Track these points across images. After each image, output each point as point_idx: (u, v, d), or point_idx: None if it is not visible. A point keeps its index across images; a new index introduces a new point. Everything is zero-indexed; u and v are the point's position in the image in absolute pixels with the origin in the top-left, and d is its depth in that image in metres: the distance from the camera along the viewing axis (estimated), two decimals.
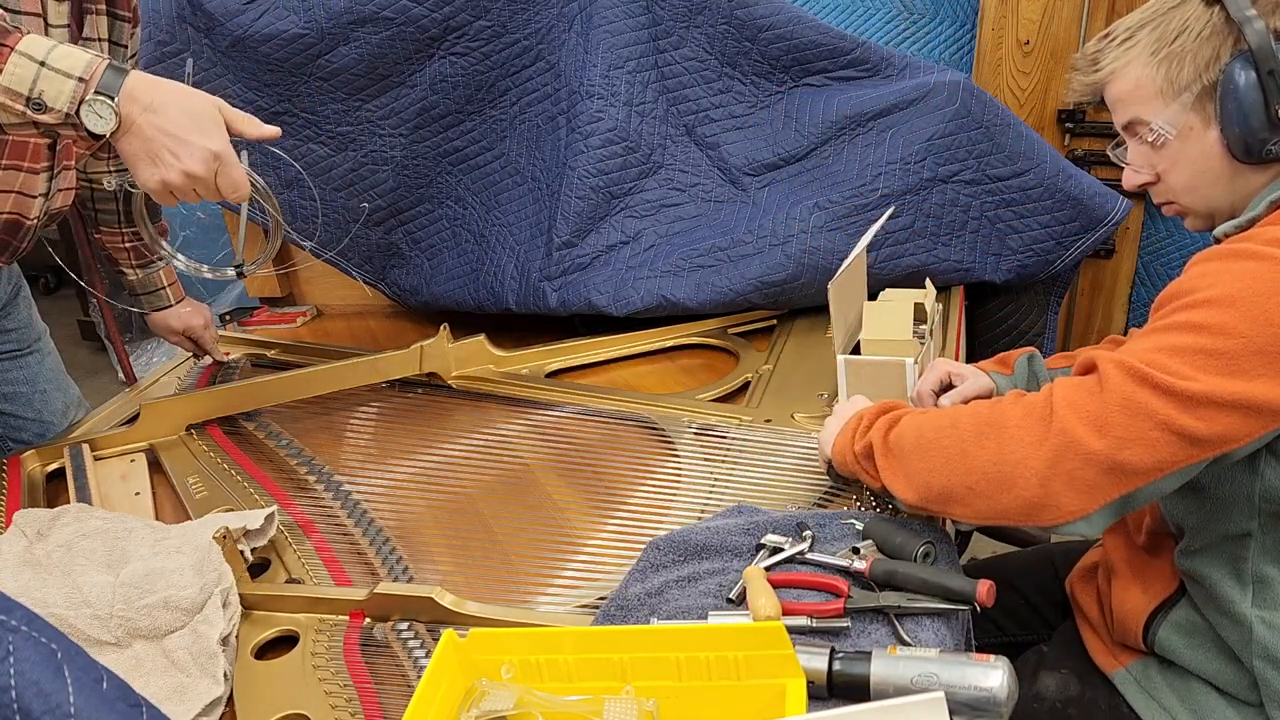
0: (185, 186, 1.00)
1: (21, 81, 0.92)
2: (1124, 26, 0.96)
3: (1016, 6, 2.08)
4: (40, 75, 0.92)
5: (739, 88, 1.72)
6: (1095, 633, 1.11)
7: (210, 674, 0.92)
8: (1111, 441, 0.81)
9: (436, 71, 1.71)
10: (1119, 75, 0.95)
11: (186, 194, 1.01)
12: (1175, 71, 0.91)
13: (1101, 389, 0.83)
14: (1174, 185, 0.97)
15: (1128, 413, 0.81)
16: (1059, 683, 1.10)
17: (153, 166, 0.98)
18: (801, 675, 0.76)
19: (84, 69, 0.93)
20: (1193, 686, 1.00)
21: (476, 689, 0.76)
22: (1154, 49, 0.92)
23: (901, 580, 0.91)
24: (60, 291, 4.41)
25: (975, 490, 0.88)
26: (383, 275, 1.87)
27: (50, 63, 0.92)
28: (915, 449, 0.94)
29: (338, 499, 1.25)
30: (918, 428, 0.95)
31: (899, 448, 0.96)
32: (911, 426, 0.96)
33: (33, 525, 1.09)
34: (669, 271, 1.64)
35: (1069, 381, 0.87)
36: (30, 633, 0.53)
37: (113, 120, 0.95)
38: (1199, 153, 0.93)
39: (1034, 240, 1.65)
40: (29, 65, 0.92)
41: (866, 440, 1.00)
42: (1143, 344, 0.85)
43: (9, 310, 1.52)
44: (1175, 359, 0.81)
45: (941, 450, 0.91)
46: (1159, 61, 0.92)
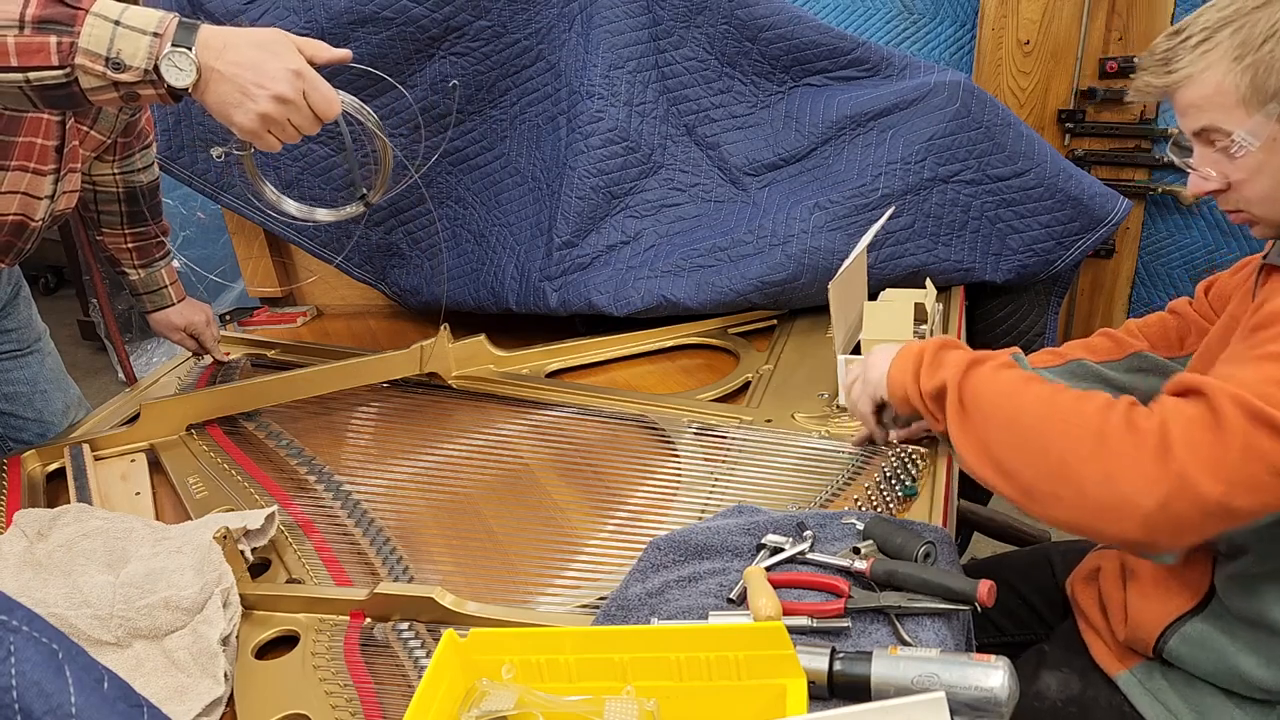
0: (280, 116, 0.99)
1: (99, 42, 0.91)
2: (1200, 26, 0.88)
3: (1016, 6, 2.08)
4: (116, 34, 0.92)
5: (739, 88, 1.72)
6: (1098, 635, 1.10)
7: (211, 674, 0.92)
8: (1227, 488, 0.76)
9: (436, 72, 1.71)
10: (1195, 80, 0.88)
11: (284, 127, 1.00)
12: (1263, 79, 0.84)
13: (1219, 428, 0.77)
14: (1250, 195, 0.91)
15: (1246, 457, 0.76)
16: (1060, 682, 1.09)
17: (244, 104, 0.97)
18: (802, 675, 0.76)
19: (157, 24, 0.94)
20: (1198, 688, 0.99)
21: (477, 689, 0.76)
22: (1237, 54, 0.85)
23: (902, 580, 0.91)
24: (60, 291, 4.42)
25: (1065, 502, 0.82)
26: (383, 275, 1.87)
27: (124, 21, 0.92)
28: (1001, 422, 0.87)
29: (338, 499, 1.25)
30: (1006, 395, 0.88)
31: (977, 408, 0.89)
32: (996, 390, 0.89)
33: (33, 525, 1.09)
34: (669, 271, 1.64)
35: (1183, 414, 0.79)
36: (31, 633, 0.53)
37: (192, 71, 0.95)
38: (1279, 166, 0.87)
39: (1034, 240, 1.65)
40: (105, 25, 0.91)
41: (940, 380, 0.93)
42: (1251, 374, 0.79)
43: (9, 310, 1.52)
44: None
45: (1036, 442, 0.84)
46: (1244, 68, 0.84)
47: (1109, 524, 0.80)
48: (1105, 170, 2.15)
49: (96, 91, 0.94)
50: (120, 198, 1.56)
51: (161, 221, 1.63)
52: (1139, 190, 2.14)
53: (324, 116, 1.03)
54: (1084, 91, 2.11)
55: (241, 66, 0.97)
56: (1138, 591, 1.04)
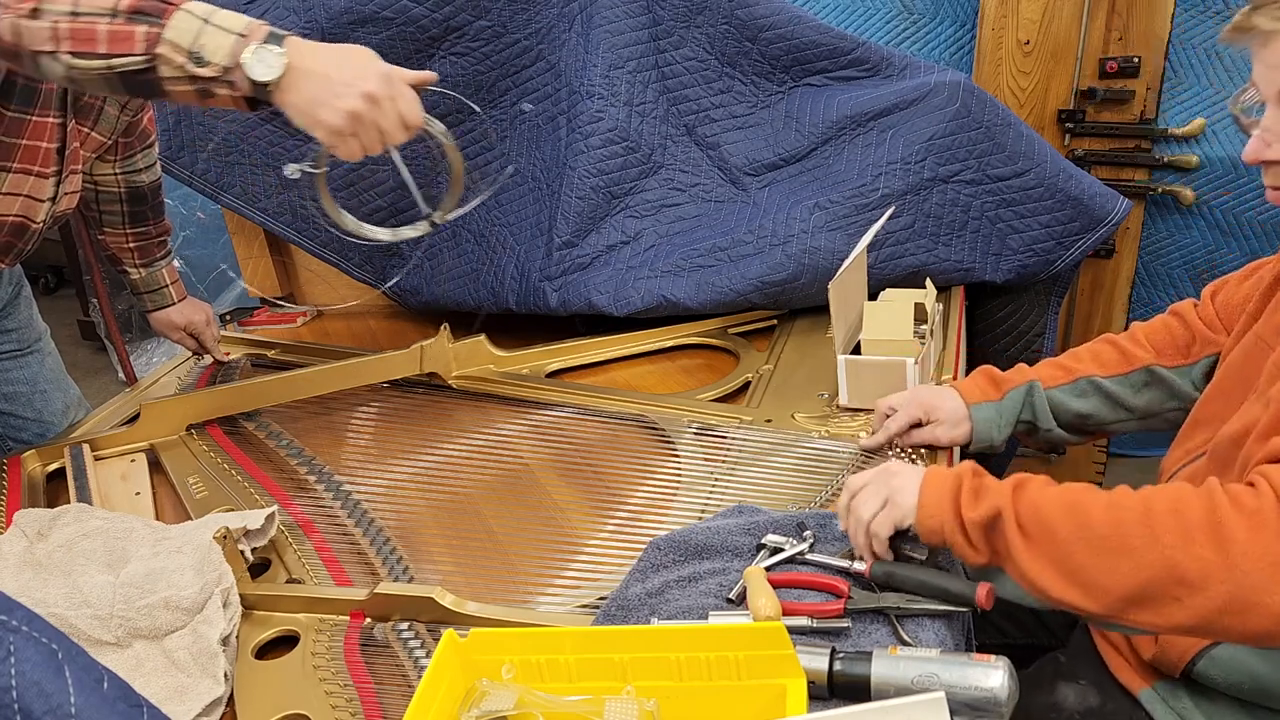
0: (369, 116, 0.98)
1: (184, 35, 0.94)
2: None
3: (1016, 6, 2.08)
4: (203, 31, 0.94)
5: (739, 88, 1.72)
6: (1117, 651, 1.07)
7: (211, 674, 0.92)
8: None
9: (437, 71, 1.71)
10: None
11: (369, 130, 0.99)
12: None
13: None
14: None
15: None
16: (1078, 693, 1.06)
17: (331, 102, 0.97)
18: (802, 675, 0.76)
19: (244, 27, 0.96)
20: (1223, 706, 0.97)
21: (477, 689, 0.76)
22: None
23: (900, 582, 0.91)
24: (60, 291, 4.41)
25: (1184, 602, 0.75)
26: (383, 275, 1.87)
27: (213, 20, 0.95)
28: (1079, 537, 0.79)
29: (338, 499, 1.25)
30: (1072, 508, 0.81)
31: (1045, 528, 0.82)
32: (1061, 505, 0.82)
33: (33, 525, 1.09)
34: (669, 271, 1.63)
35: None
36: (31, 633, 0.53)
37: (280, 67, 0.95)
38: None
39: (1034, 240, 1.65)
40: (193, 21, 0.94)
41: (990, 507, 0.84)
42: None
43: (10, 310, 1.52)
44: None
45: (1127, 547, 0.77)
46: None
47: (1239, 620, 0.74)
48: (1105, 170, 2.15)
49: (173, 82, 0.96)
50: (122, 197, 1.56)
51: (163, 221, 1.63)
52: (1139, 190, 2.14)
53: (410, 123, 1.02)
54: (1084, 91, 2.11)
55: (330, 65, 0.98)
56: None
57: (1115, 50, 2.07)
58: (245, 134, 1.75)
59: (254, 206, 1.81)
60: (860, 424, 1.29)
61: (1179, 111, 2.11)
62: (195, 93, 0.97)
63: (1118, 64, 2.05)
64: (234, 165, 1.78)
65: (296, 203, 1.80)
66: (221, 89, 0.97)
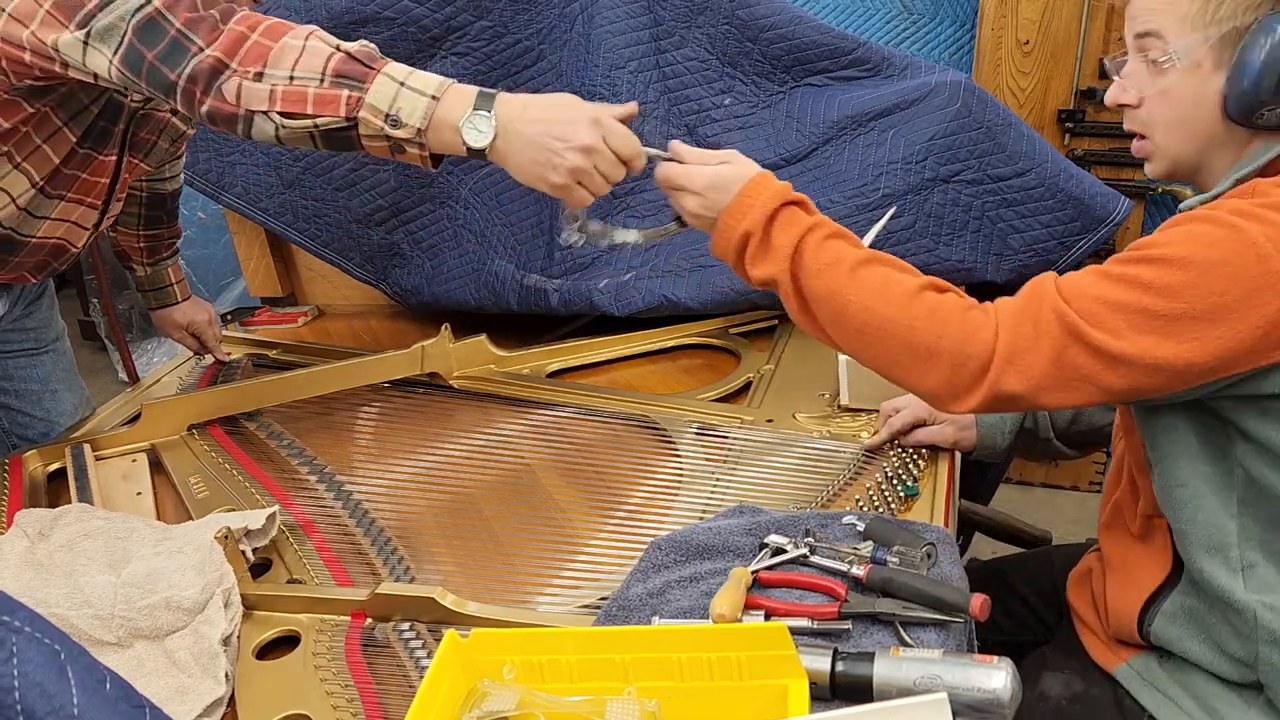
0: (588, 165, 1.01)
1: (383, 99, 0.99)
2: None
3: (1016, 7, 2.08)
4: (400, 93, 0.99)
5: (740, 88, 1.72)
6: (1092, 633, 1.11)
7: (212, 674, 0.92)
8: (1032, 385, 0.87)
9: (438, 71, 1.70)
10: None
11: (593, 177, 1.02)
12: (1216, 2, 0.86)
13: (1036, 337, 0.87)
14: (1154, 118, 0.94)
15: (1056, 365, 0.86)
16: (1062, 682, 1.09)
17: (550, 161, 1.01)
18: (804, 676, 0.76)
19: (436, 88, 1.01)
20: (1193, 676, 0.99)
21: (478, 689, 0.76)
22: None
23: (897, 589, 0.91)
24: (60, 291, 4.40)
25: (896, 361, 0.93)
26: (384, 275, 1.87)
27: (409, 83, 1.00)
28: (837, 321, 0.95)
29: (339, 499, 1.25)
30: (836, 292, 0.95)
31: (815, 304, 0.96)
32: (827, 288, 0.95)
33: (34, 525, 1.09)
34: (670, 271, 1.63)
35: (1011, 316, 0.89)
36: (33, 633, 0.53)
37: (490, 132, 1.00)
38: (1194, 94, 0.90)
39: (1035, 240, 1.65)
40: (391, 84, 1.00)
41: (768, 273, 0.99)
42: (1090, 288, 0.87)
43: (33, 309, 1.53)
44: (1114, 314, 0.84)
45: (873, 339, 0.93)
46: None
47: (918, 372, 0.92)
48: (1105, 170, 2.15)
49: (371, 140, 1.02)
50: (143, 201, 1.57)
51: (176, 225, 1.65)
52: (1139, 190, 2.14)
53: (629, 160, 1.04)
54: (1084, 91, 2.11)
55: (543, 123, 1.01)
56: (1114, 579, 1.06)
57: (1115, 50, 2.07)
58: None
59: (254, 206, 1.80)
60: (861, 424, 1.29)
61: None
62: (389, 149, 1.02)
63: None
64: (234, 165, 1.78)
65: (297, 203, 1.80)
66: (413, 148, 1.01)
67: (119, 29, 1.00)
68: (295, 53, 1.00)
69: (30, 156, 1.20)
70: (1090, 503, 2.52)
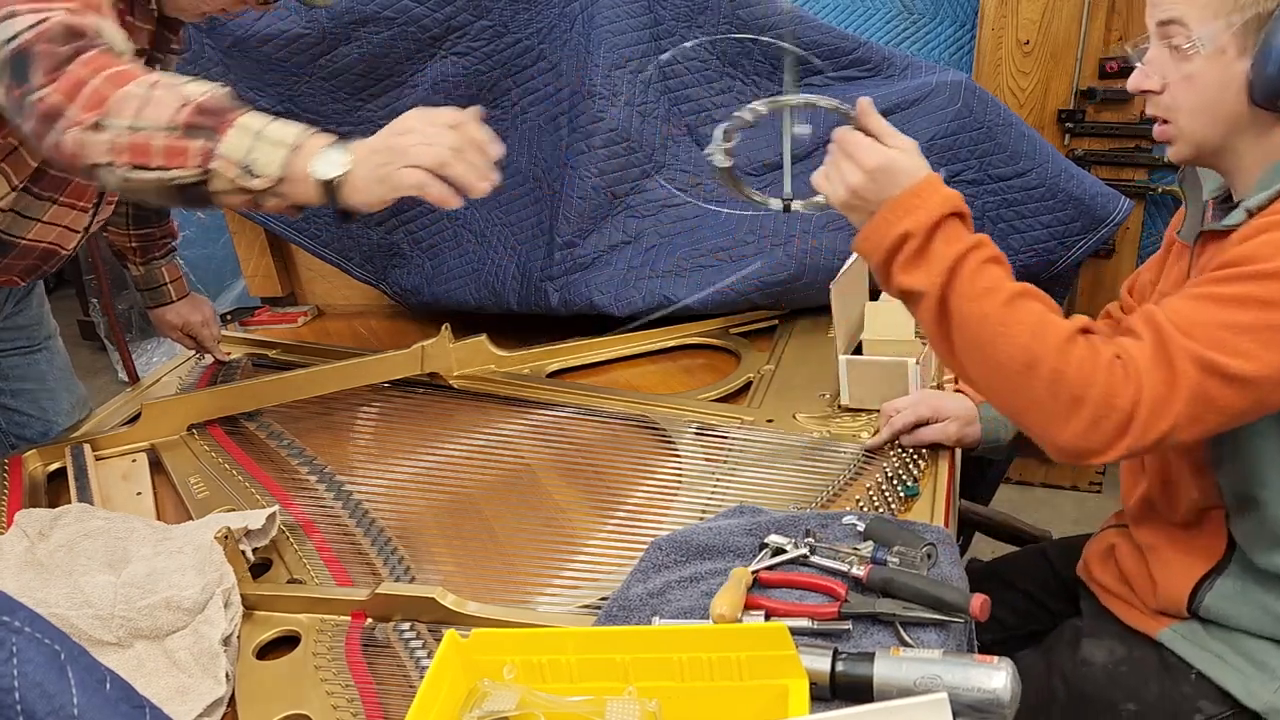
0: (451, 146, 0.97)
1: (237, 150, 0.94)
2: None
3: (1016, 7, 2.08)
4: (256, 144, 0.95)
5: (740, 88, 1.72)
6: (1126, 604, 1.12)
7: (212, 674, 0.92)
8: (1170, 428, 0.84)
9: (438, 71, 1.71)
10: None
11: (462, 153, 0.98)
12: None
13: (1174, 381, 0.84)
14: (1178, 103, 0.93)
15: (1193, 402, 0.84)
16: (1105, 648, 1.10)
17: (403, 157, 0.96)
18: (804, 676, 0.76)
19: (295, 138, 0.96)
20: (1240, 637, 1.01)
21: (479, 689, 0.76)
22: None
23: (897, 589, 0.91)
24: (60, 291, 4.40)
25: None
26: (384, 275, 1.87)
27: (266, 133, 0.96)
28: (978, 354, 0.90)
29: (339, 499, 1.25)
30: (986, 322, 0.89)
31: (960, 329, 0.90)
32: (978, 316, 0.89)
33: (34, 525, 1.09)
34: (670, 271, 1.63)
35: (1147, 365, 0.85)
36: (33, 634, 0.53)
37: (347, 161, 0.96)
38: (1218, 80, 0.89)
39: (1036, 240, 1.65)
40: (246, 135, 0.95)
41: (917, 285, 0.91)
42: (1206, 317, 0.84)
43: (23, 306, 1.53)
44: (1242, 337, 0.83)
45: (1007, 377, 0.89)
46: None
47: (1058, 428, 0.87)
48: (1105, 170, 2.15)
49: (224, 194, 0.97)
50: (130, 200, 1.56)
51: (168, 223, 1.64)
52: (1139, 190, 2.14)
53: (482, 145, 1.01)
54: (1084, 91, 2.11)
55: (392, 132, 0.98)
56: (1159, 561, 1.07)
57: (1115, 50, 2.07)
58: None
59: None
60: (861, 424, 1.29)
61: None
62: (245, 202, 0.98)
63: (1118, 64, 2.05)
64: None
65: None
66: (271, 200, 0.97)
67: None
68: (137, 101, 0.94)
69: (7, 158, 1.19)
70: (1090, 502, 2.52)
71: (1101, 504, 2.51)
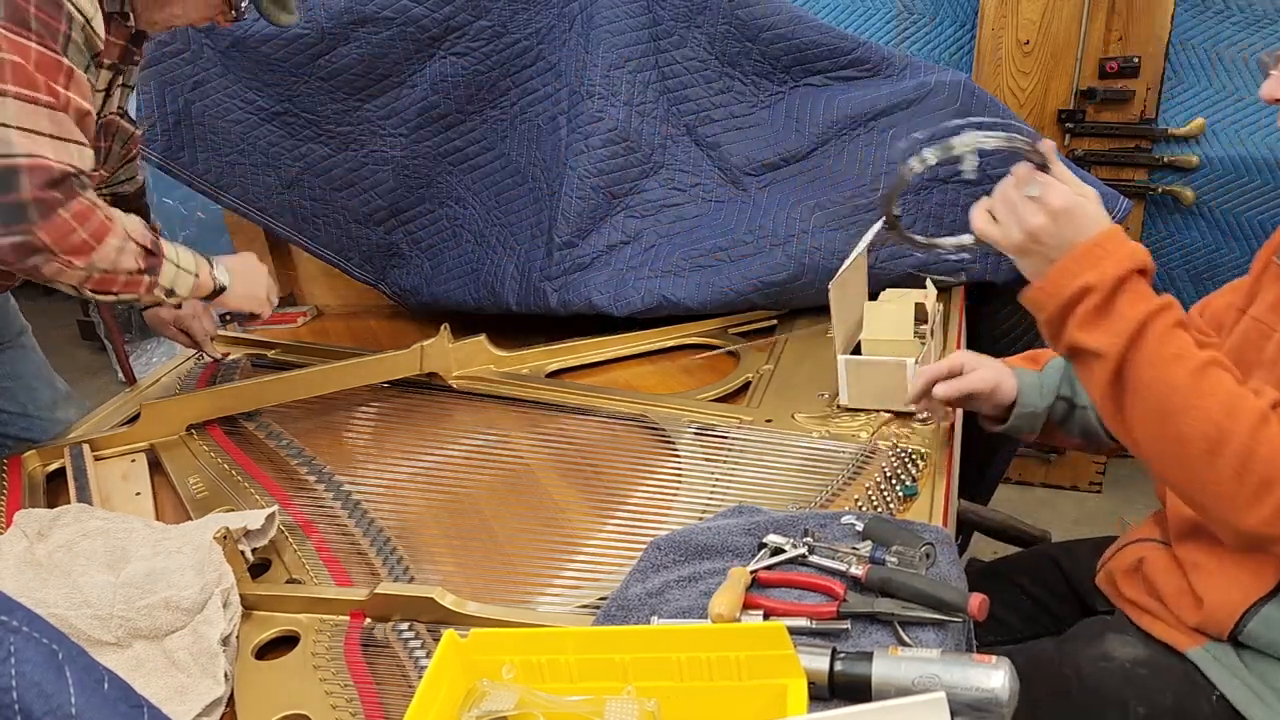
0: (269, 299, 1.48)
1: (168, 279, 1.26)
2: None
3: (1016, 7, 2.08)
4: (177, 274, 1.28)
5: (740, 88, 1.72)
6: (1157, 619, 1.08)
7: (211, 674, 0.92)
8: None
9: (437, 71, 1.71)
10: None
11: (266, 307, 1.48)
12: None
13: None
14: None
15: None
16: (1128, 645, 1.07)
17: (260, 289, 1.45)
18: (803, 676, 0.76)
19: (194, 267, 1.31)
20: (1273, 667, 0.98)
21: (478, 689, 0.76)
22: None
23: (896, 589, 0.91)
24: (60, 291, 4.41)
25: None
26: (383, 275, 1.87)
27: (181, 264, 1.29)
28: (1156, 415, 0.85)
29: (338, 499, 1.25)
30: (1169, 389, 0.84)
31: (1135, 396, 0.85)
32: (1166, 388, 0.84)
33: (33, 525, 1.09)
34: (669, 271, 1.63)
35: None
36: (31, 633, 0.53)
37: (227, 276, 1.38)
38: None
39: None
40: (171, 268, 1.27)
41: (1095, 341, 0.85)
42: None
43: None
44: None
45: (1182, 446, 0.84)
46: None
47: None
48: (1105, 170, 2.15)
49: (149, 302, 1.34)
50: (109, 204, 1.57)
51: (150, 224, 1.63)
52: (1139, 190, 2.14)
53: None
54: (1084, 91, 2.11)
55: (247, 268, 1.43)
56: (1206, 581, 1.02)
57: (1115, 50, 2.07)
58: (246, 134, 1.75)
59: (253, 206, 1.80)
60: (860, 424, 1.29)
61: (1179, 111, 2.11)
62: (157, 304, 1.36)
63: (1118, 64, 2.06)
64: (233, 165, 1.78)
65: (296, 202, 1.80)
66: (173, 300, 1.31)
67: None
68: (114, 253, 1.16)
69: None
70: (1090, 503, 2.52)
71: (1101, 504, 2.50)
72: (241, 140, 1.75)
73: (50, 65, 1.06)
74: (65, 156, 1.09)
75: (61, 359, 1.67)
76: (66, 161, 1.09)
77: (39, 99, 1.06)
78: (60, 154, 1.08)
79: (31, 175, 1.05)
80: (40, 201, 1.06)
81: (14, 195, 1.05)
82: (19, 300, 1.64)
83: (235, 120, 1.74)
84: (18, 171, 1.05)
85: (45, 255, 1.09)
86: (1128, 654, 1.06)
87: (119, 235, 1.16)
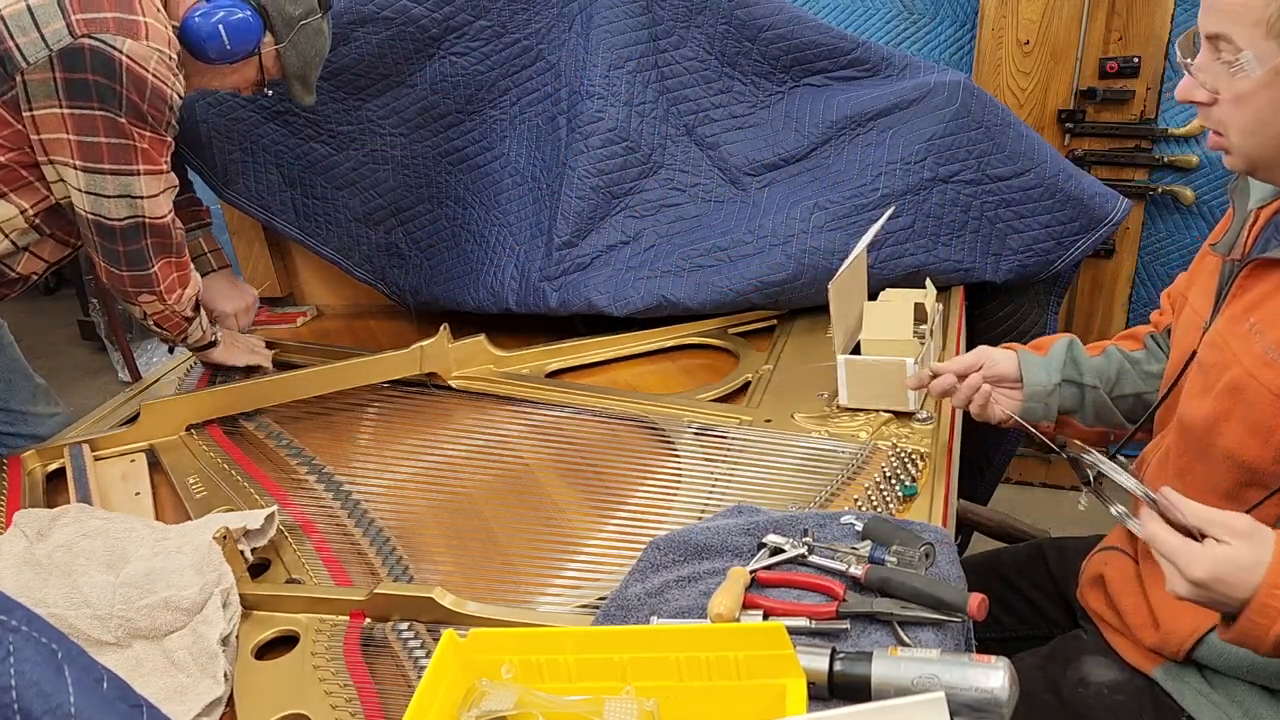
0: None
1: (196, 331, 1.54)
2: None
3: (1016, 7, 2.08)
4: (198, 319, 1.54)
5: (739, 88, 1.72)
6: (1121, 635, 1.09)
7: (210, 674, 0.92)
8: None
9: (437, 71, 1.71)
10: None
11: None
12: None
13: None
14: (1230, 120, 0.89)
15: None
16: (1103, 670, 1.08)
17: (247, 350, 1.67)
18: (802, 675, 0.76)
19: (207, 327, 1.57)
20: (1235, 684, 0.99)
21: (477, 689, 0.76)
22: None
23: (895, 588, 0.91)
24: (60, 291, 4.41)
25: None
26: (383, 275, 1.87)
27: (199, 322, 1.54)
28: None
29: (338, 499, 1.25)
30: None
31: None
32: None
33: (33, 525, 1.09)
34: (669, 271, 1.63)
35: None
36: (31, 633, 0.53)
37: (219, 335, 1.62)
38: (1272, 102, 0.86)
39: (1034, 240, 1.65)
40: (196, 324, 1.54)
41: None
42: None
43: None
44: None
45: None
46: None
47: None
48: (1105, 170, 2.15)
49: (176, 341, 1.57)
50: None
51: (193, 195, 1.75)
52: (1139, 190, 2.14)
53: None
54: (1084, 91, 2.11)
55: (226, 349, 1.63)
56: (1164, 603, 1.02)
57: (1115, 50, 2.07)
58: (249, 132, 1.75)
59: (255, 203, 1.81)
60: (860, 424, 1.29)
61: (1179, 111, 2.11)
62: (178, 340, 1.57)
63: (1118, 64, 2.05)
64: (236, 163, 1.78)
65: (298, 200, 1.81)
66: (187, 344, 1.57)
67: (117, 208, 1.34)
68: (186, 302, 1.48)
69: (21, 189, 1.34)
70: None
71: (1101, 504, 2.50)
72: (245, 138, 1.76)
73: (160, 145, 1.35)
74: (169, 210, 1.40)
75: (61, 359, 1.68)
76: (172, 214, 1.40)
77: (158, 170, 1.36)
78: (169, 208, 1.39)
79: (153, 229, 1.37)
80: (157, 246, 1.39)
81: (141, 243, 1.37)
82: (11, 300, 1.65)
83: (238, 119, 1.74)
84: (143, 226, 1.36)
85: (151, 290, 1.41)
86: (1104, 678, 1.07)
87: (193, 284, 1.49)
